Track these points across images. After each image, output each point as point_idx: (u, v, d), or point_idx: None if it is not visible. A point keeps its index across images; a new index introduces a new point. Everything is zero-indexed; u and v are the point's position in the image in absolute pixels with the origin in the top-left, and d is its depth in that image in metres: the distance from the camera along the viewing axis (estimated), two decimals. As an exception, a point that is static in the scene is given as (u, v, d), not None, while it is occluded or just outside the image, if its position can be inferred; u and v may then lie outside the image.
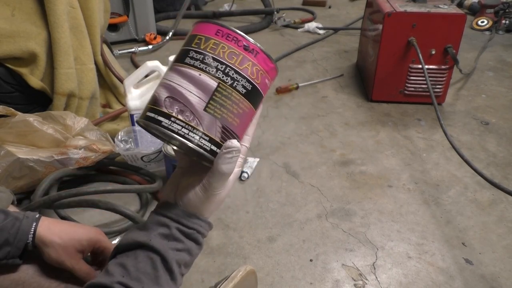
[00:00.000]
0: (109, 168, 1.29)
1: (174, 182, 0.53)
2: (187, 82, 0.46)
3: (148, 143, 1.26)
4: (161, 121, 0.45)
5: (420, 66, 1.62)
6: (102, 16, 1.53)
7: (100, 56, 1.49)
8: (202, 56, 0.47)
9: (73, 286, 0.66)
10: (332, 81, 1.98)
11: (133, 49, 2.24)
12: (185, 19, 2.85)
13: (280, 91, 1.83)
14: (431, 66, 1.67)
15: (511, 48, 2.39)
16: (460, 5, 3.05)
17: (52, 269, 0.67)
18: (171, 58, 1.23)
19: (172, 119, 0.45)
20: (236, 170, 0.51)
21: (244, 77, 0.47)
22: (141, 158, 1.24)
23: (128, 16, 2.33)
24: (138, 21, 2.37)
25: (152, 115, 0.46)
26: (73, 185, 1.24)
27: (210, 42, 0.47)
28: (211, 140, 0.46)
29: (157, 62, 1.23)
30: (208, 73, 0.46)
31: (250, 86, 0.48)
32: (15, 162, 1.06)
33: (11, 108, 1.12)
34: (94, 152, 1.14)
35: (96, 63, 1.46)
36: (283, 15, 2.77)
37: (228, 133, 0.47)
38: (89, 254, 0.71)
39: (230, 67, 0.47)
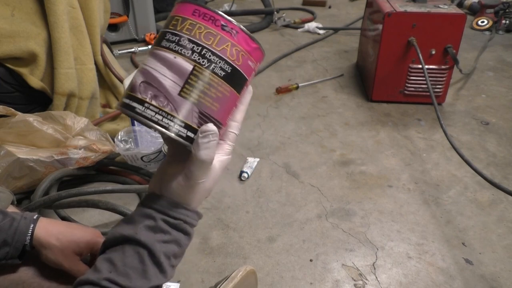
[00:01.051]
0: (109, 168, 1.29)
1: (160, 172, 0.51)
2: (161, 66, 0.44)
3: (148, 143, 1.26)
4: (134, 107, 0.44)
5: (420, 66, 1.62)
6: (102, 16, 1.53)
7: (100, 56, 1.49)
8: (177, 38, 0.44)
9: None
10: (332, 81, 1.98)
11: (133, 49, 2.24)
12: (185, 19, 2.84)
13: (280, 91, 1.83)
14: (431, 66, 1.67)
15: (511, 48, 2.39)
16: (460, 5, 3.05)
17: (52, 270, 0.66)
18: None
19: (146, 105, 0.43)
20: (224, 158, 0.49)
21: (222, 59, 0.45)
22: (141, 158, 1.24)
23: (128, 16, 2.33)
24: (138, 21, 2.37)
25: (127, 101, 0.44)
26: (73, 185, 1.24)
27: (186, 22, 0.45)
28: (187, 126, 0.44)
29: (157, 62, 1.23)
30: (183, 55, 0.44)
31: (230, 68, 0.45)
32: (15, 162, 1.06)
33: (11, 108, 1.12)
34: (94, 152, 1.14)
35: (96, 63, 1.46)
36: (283, 15, 2.76)
37: (207, 118, 0.45)
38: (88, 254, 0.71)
39: (206, 48, 0.44)
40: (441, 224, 1.14)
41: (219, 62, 0.45)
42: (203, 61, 0.44)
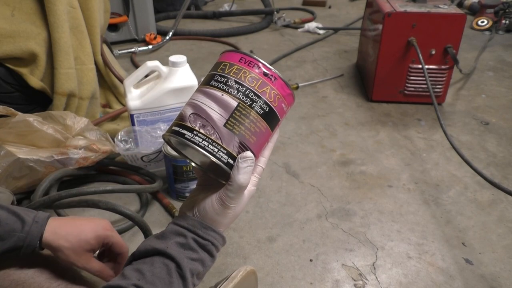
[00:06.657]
0: (109, 168, 1.29)
1: (192, 197, 0.56)
2: (210, 101, 0.51)
3: (148, 143, 1.26)
4: (184, 134, 0.50)
5: (420, 66, 1.62)
6: (102, 16, 1.53)
7: (100, 56, 1.49)
8: (225, 79, 0.52)
9: (73, 286, 0.66)
10: (332, 81, 1.98)
11: (133, 49, 2.24)
12: (185, 19, 2.85)
13: (280, 91, 1.83)
14: (431, 66, 1.67)
15: (511, 48, 2.39)
16: (460, 5, 3.05)
17: (52, 270, 0.67)
18: (172, 58, 1.23)
19: (195, 132, 0.50)
20: (251, 188, 0.54)
21: (262, 99, 0.52)
22: (141, 158, 1.24)
23: (128, 16, 2.33)
24: (138, 21, 2.37)
25: (177, 129, 0.51)
26: (73, 185, 1.24)
27: (233, 67, 0.52)
28: (229, 154, 0.50)
29: (157, 62, 1.23)
30: (229, 93, 0.51)
31: (268, 107, 0.52)
32: (15, 162, 1.06)
33: (11, 108, 1.12)
34: (94, 152, 1.14)
35: (96, 63, 1.46)
36: (283, 15, 2.77)
37: (245, 148, 0.51)
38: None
39: (250, 89, 0.51)
40: (441, 224, 1.14)
41: (259, 102, 0.52)
42: (246, 100, 0.51)
